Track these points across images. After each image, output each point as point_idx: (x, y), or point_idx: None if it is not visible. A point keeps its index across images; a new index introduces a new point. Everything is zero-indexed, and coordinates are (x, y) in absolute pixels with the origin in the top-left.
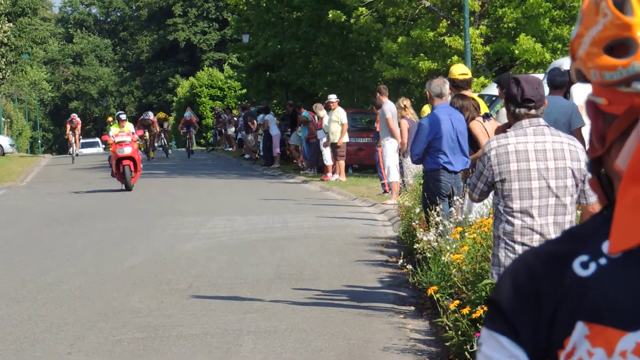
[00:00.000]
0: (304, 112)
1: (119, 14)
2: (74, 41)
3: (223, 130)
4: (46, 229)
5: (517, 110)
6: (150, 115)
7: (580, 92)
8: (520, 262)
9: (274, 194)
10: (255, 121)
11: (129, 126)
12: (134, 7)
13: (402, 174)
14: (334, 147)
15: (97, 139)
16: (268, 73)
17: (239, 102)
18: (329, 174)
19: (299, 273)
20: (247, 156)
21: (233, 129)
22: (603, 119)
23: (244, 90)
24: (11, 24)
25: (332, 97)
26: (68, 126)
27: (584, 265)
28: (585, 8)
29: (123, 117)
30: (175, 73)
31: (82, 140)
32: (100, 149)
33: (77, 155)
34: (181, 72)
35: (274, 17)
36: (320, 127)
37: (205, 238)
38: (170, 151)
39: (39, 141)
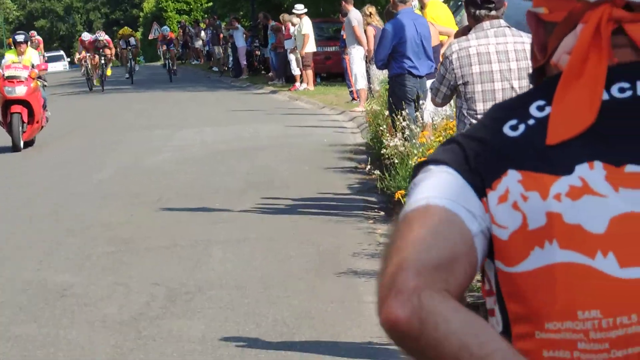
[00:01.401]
0: (272, 23)
1: None
2: None
3: (190, 44)
4: (11, 153)
5: (477, 12)
6: (103, 35)
7: None
8: (451, 138)
9: (242, 105)
10: (221, 34)
11: (30, 53)
12: None
13: (369, 80)
14: (300, 56)
15: (62, 52)
16: None
17: (206, 16)
18: (297, 84)
19: (269, 181)
20: (215, 69)
21: (200, 42)
22: (544, 29)
23: (210, 4)
24: None
25: (299, 7)
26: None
27: (513, 128)
28: None
29: (20, 38)
30: None
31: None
32: (66, 64)
33: (45, 85)
34: None
35: None
36: (289, 37)
37: (174, 150)
38: (136, 67)
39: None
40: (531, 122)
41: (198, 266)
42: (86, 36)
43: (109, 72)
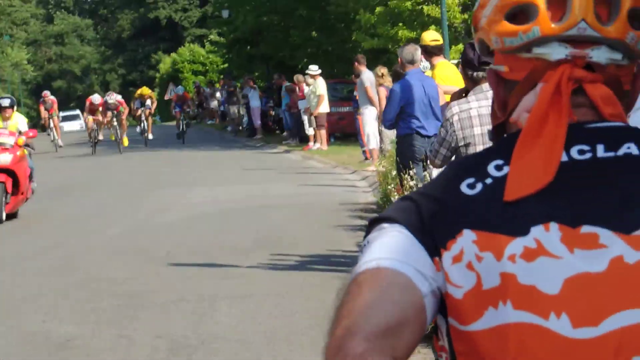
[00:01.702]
0: (286, 83)
1: None
2: (54, 22)
3: (205, 104)
4: (26, 204)
5: (474, 74)
6: (115, 96)
7: None
8: (407, 195)
9: (255, 165)
10: (237, 94)
11: (17, 119)
12: None
13: (381, 140)
14: (314, 117)
15: (78, 111)
16: (248, 47)
17: (221, 77)
18: (311, 143)
19: (278, 239)
20: (229, 128)
21: (215, 102)
22: (504, 87)
23: (226, 65)
24: None
25: (313, 68)
26: (42, 107)
27: (471, 186)
28: None
29: (5, 103)
30: (157, 50)
31: (62, 114)
32: (82, 123)
33: (60, 146)
34: (163, 49)
35: None
36: (303, 97)
37: (185, 208)
38: (150, 136)
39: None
40: (489, 181)
41: (203, 320)
42: (96, 99)
43: (125, 141)
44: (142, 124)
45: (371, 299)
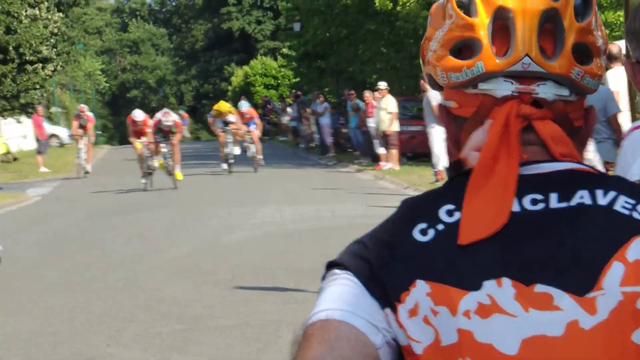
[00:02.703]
0: (356, 100)
1: (173, 4)
2: (129, 30)
3: (278, 120)
4: (95, 220)
5: None
6: (173, 116)
7: (616, 78)
8: (360, 238)
9: (325, 184)
10: (307, 109)
11: None
12: None
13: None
14: (385, 135)
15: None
16: (319, 61)
17: (292, 91)
18: (382, 163)
19: None
20: (302, 145)
21: (287, 117)
22: (455, 123)
23: (297, 79)
24: (61, 14)
25: (382, 85)
26: (75, 123)
27: (423, 232)
28: (433, 11)
29: None
30: (230, 62)
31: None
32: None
33: (87, 172)
34: (236, 61)
35: (322, 5)
36: (371, 115)
37: (252, 228)
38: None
39: (99, 131)
40: (440, 227)
41: (266, 347)
42: (138, 115)
43: (179, 175)
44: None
45: (320, 354)
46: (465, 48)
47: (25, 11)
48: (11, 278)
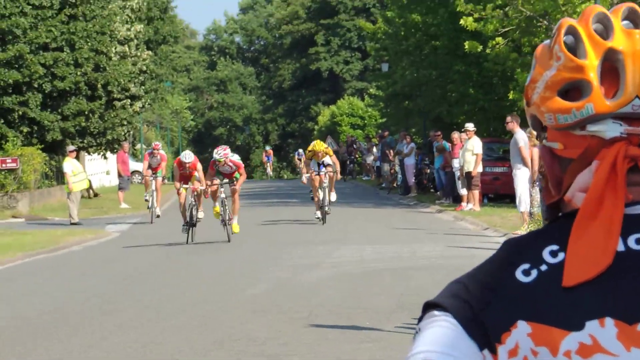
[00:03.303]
0: (442, 142)
1: (262, 43)
2: (217, 69)
3: (363, 160)
4: (171, 258)
5: None
6: (233, 155)
7: None
8: (460, 279)
9: (406, 224)
10: (391, 150)
11: None
12: (276, 36)
13: (531, 204)
14: (468, 176)
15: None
16: (406, 102)
17: (378, 131)
18: (463, 204)
19: (422, 303)
20: (384, 185)
21: (372, 157)
22: (559, 164)
23: (384, 119)
24: (150, 52)
25: (469, 126)
26: (146, 162)
27: (526, 273)
28: (539, 53)
29: None
30: (317, 101)
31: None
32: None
33: (158, 216)
34: (323, 101)
35: (411, 46)
36: (456, 156)
37: (331, 267)
38: (332, 198)
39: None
40: (544, 267)
41: None
42: (187, 156)
43: (235, 228)
44: (324, 192)
45: None
46: (573, 90)
47: (115, 48)
48: (87, 312)
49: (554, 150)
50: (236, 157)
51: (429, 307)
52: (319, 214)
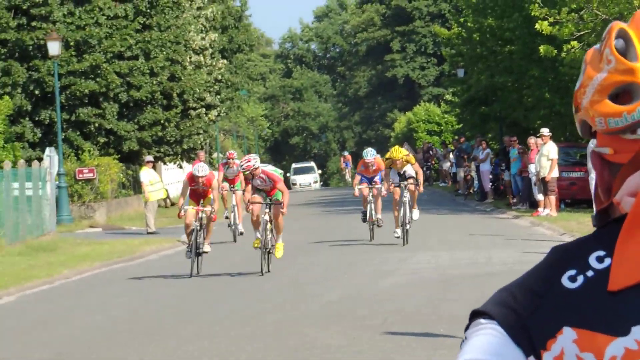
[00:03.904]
0: (518, 147)
1: (337, 50)
2: (293, 77)
3: (439, 167)
4: (248, 266)
5: None
6: (270, 167)
7: None
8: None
9: (482, 230)
10: (466, 156)
11: None
12: (352, 43)
13: None
14: (544, 182)
15: (312, 163)
16: (482, 107)
17: (455, 137)
18: (540, 209)
19: None
20: (460, 191)
21: (448, 164)
22: (609, 170)
23: (460, 125)
24: (225, 61)
25: (545, 131)
26: (220, 173)
27: (572, 279)
28: (589, 57)
29: None
30: (394, 108)
31: (295, 165)
32: (316, 176)
33: (241, 233)
34: (399, 107)
35: (486, 51)
36: (532, 161)
37: (407, 274)
38: (415, 216)
39: None
40: (590, 273)
41: None
42: (201, 169)
43: (279, 249)
44: (404, 207)
45: None
46: (623, 93)
47: (190, 58)
48: (163, 321)
49: (604, 155)
50: (270, 168)
51: (475, 315)
52: (399, 232)
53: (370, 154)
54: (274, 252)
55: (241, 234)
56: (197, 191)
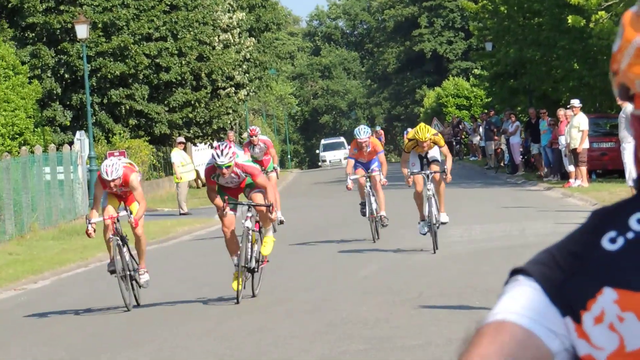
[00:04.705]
0: (547, 119)
1: (365, 27)
2: (321, 54)
3: (469, 141)
4: (285, 243)
5: None
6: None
7: None
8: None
9: (514, 202)
10: (495, 129)
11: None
12: (379, 20)
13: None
14: (575, 153)
15: (342, 139)
16: (511, 81)
17: (484, 111)
18: (571, 181)
19: None
20: (490, 165)
21: (477, 137)
22: None
23: (489, 99)
24: (253, 39)
25: (575, 103)
26: (246, 152)
27: (612, 241)
28: (627, 20)
29: None
30: (422, 84)
31: (324, 141)
32: (346, 152)
33: (281, 221)
34: (428, 83)
35: (513, 24)
36: (562, 133)
37: (441, 247)
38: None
39: (289, 156)
40: (630, 235)
41: None
42: (113, 169)
43: (266, 246)
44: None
45: (489, 353)
46: None
47: (218, 37)
48: (199, 300)
49: None
50: (244, 160)
51: (515, 272)
52: (424, 227)
53: (363, 132)
54: (261, 249)
55: (281, 222)
56: (114, 195)
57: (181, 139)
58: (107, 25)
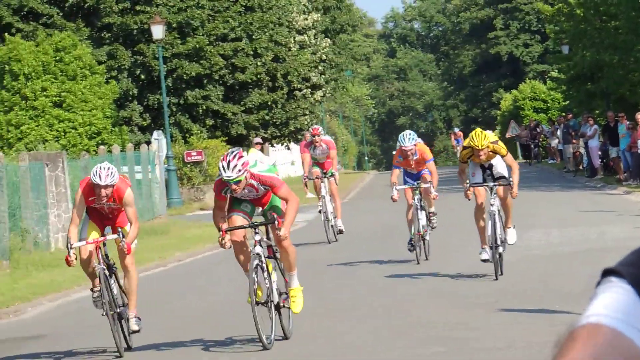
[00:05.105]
0: (626, 122)
1: (440, 29)
2: (397, 56)
3: (547, 144)
4: (351, 246)
5: None
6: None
7: None
8: None
9: (592, 206)
10: (573, 132)
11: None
12: (455, 22)
13: None
14: None
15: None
16: (588, 84)
17: (562, 114)
18: None
19: None
20: (569, 168)
21: (556, 141)
22: None
23: (566, 102)
24: (329, 40)
25: None
26: (307, 157)
27: None
28: None
29: None
30: (498, 86)
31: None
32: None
33: (340, 231)
34: (504, 86)
35: (589, 27)
36: None
37: (519, 251)
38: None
39: (366, 157)
40: None
41: None
42: (108, 175)
43: (295, 305)
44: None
45: (582, 357)
46: None
47: (294, 38)
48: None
49: None
50: (260, 169)
51: (607, 273)
52: (487, 252)
53: (408, 139)
54: (289, 305)
55: (340, 232)
56: (100, 212)
57: (258, 139)
58: (182, 26)
